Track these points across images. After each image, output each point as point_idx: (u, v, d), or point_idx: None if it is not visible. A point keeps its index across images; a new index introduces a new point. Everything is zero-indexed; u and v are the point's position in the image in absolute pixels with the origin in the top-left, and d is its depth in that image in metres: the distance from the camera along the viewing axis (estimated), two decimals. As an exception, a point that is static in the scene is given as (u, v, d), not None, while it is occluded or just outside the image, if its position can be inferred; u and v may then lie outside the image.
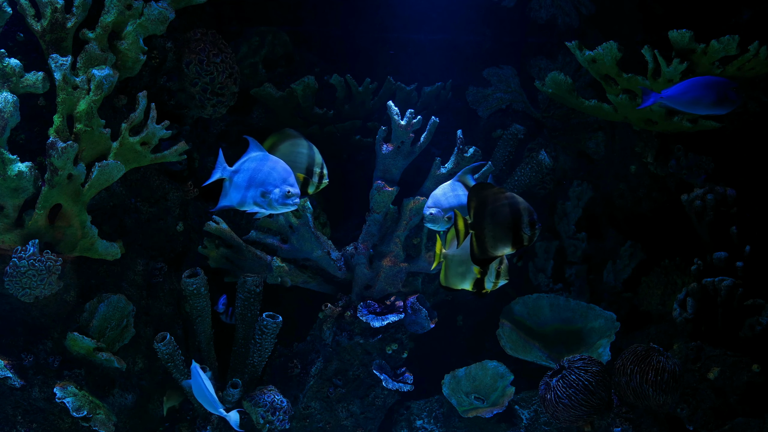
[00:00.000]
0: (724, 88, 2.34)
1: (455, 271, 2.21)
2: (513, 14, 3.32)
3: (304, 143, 2.29)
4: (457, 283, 2.22)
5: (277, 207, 2.13)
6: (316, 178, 2.30)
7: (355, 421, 2.97)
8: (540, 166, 3.03)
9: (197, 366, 2.37)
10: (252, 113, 3.12)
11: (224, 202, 2.19)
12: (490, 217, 1.99)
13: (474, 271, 2.17)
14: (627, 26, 3.18)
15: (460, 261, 2.19)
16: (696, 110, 2.41)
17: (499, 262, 2.16)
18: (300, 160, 2.29)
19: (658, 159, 3.02)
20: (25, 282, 2.21)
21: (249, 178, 2.14)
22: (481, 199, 2.00)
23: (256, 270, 2.81)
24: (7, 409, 2.40)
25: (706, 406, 2.50)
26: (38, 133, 2.36)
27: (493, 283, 2.19)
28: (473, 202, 2.01)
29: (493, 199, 1.99)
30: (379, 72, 3.21)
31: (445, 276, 2.24)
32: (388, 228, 2.85)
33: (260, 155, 2.17)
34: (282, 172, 2.13)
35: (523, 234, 1.97)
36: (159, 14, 2.34)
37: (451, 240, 2.21)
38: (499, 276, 2.19)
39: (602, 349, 2.90)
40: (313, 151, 2.30)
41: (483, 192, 2.01)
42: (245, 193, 2.15)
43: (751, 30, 2.72)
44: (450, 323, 3.36)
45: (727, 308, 2.61)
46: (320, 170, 2.30)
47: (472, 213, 2.01)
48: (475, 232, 2.00)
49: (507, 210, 1.98)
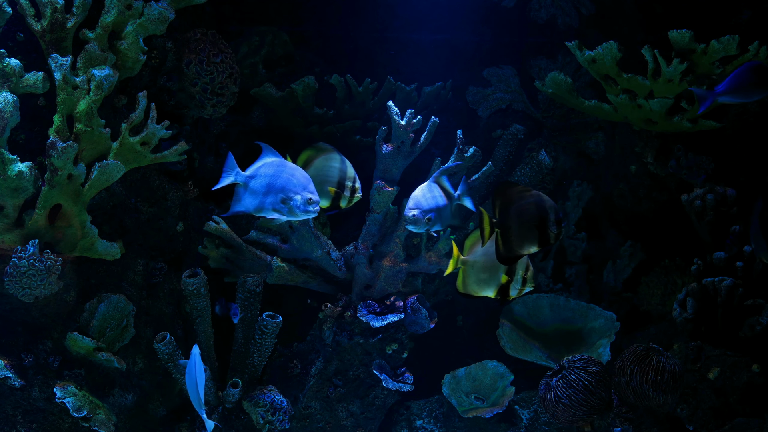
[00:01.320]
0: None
1: (477, 278, 2.18)
2: (513, 14, 3.32)
3: (337, 157, 2.28)
4: (478, 290, 2.19)
5: (299, 214, 2.10)
6: (348, 192, 2.28)
7: (355, 421, 2.97)
8: (540, 166, 3.03)
9: (198, 352, 2.33)
10: (252, 113, 3.12)
11: (238, 207, 2.14)
12: (515, 215, 1.97)
13: (498, 278, 2.14)
14: (627, 26, 3.18)
15: (482, 267, 2.15)
16: (754, 97, 2.30)
17: (525, 268, 2.14)
18: (332, 173, 2.27)
19: (658, 159, 3.02)
20: (25, 282, 2.21)
21: (267, 184, 2.10)
22: (506, 197, 1.98)
23: (256, 270, 2.81)
24: (7, 409, 2.40)
25: (706, 406, 2.50)
26: (38, 133, 2.36)
27: (518, 290, 2.16)
28: (498, 200, 1.99)
29: (518, 197, 1.98)
30: (379, 72, 3.21)
31: (463, 283, 2.21)
32: (388, 228, 2.85)
33: (277, 161, 2.14)
34: (301, 178, 2.10)
35: (549, 232, 1.95)
36: (159, 14, 2.34)
37: (471, 246, 2.19)
38: (525, 282, 2.16)
39: (602, 349, 2.90)
40: (345, 165, 2.28)
41: (508, 190, 1.99)
42: (263, 200, 2.11)
43: (751, 30, 2.71)
44: (450, 323, 3.36)
45: (727, 308, 2.61)
46: (352, 184, 2.28)
47: (497, 211, 2.00)
48: (501, 231, 1.99)
49: (533, 208, 1.96)
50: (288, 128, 3.17)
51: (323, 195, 2.26)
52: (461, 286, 2.22)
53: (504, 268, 2.15)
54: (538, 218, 1.95)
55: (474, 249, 2.20)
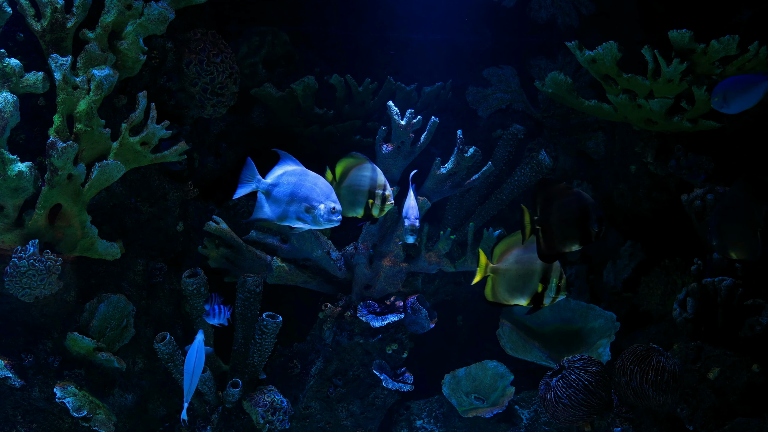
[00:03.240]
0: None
1: (509, 286, 2.15)
2: (513, 14, 3.32)
3: (368, 166, 2.27)
4: (510, 299, 2.17)
5: (322, 223, 2.10)
6: (379, 201, 2.27)
7: (355, 421, 2.97)
8: (540, 166, 3.03)
9: (202, 338, 2.32)
10: (252, 113, 3.12)
11: (260, 215, 2.15)
12: (557, 212, 1.96)
13: (531, 286, 2.13)
14: (627, 26, 3.18)
15: (515, 275, 2.14)
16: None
17: (559, 276, 2.13)
18: (363, 183, 2.26)
19: (658, 159, 3.02)
20: (25, 282, 2.21)
21: (291, 193, 2.10)
22: (548, 195, 1.98)
23: (256, 270, 2.81)
24: (7, 409, 2.40)
25: (706, 406, 2.50)
26: (38, 133, 2.36)
27: (552, 298, 2.16)
28: (540, 197, 1.99)
29: (560, 195, 1.97)
30: (379, 72, 3.21)
31: (492, 291, 2.19)
32: (388, 228, 2.85)
33: (298, 169, 2.14)
34: (324, 187, 2.11)
35: (590, 230, 1.95)
36: (159, 14, 2.34)
37: (501, 253, 2.17)
38: (559, 291, 2.15)
39: (602, 349, 2.90)
40: (376, 173, 2.27)
41: (550, 187, 1.99)
42: (287, 208, 2.11)
43: (751, 30, 2.71)
44: (450, 323, 3.36)
45: (727, 308, 2.61)
46: (383, 192, 2.27)
47: (538, 209, 1.99)
48: (542, 228, 1.98)
49: (575, 205, 1.95)
50: (288, 128, 3.17)
51: (357, 204, 2.27)
52: (490, 294, 2.19)
53: (538, 276, 2.13)
54: (580, 216, 1.94)
55: (505, 256, 2.17)
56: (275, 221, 2.15)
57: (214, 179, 3.04)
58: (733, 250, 2.19)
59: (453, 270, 2.90)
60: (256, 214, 2.16)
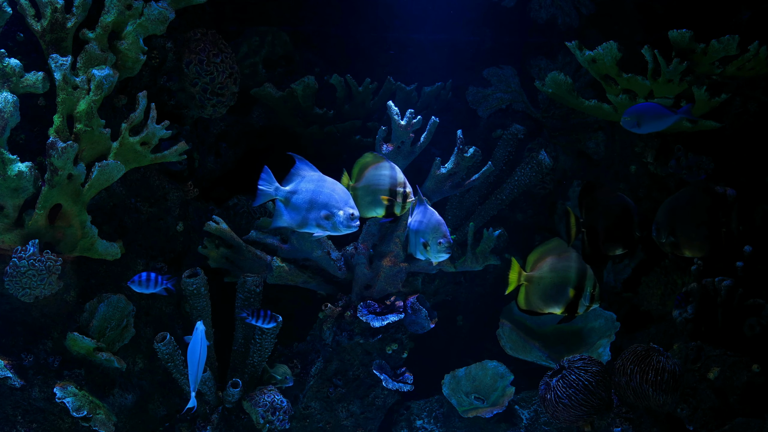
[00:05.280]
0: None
1: (544, 294, 2.15)
2: (513, 14, 3.32)
3: (386, 165, 2.25)
4: (544, 307, 2.18)
5: (342, 229, 2.11)
6: (400, 198, 2.26)
7: (355, 421, 2.97)
8: (540, 166, 3.03)
9: (203, 328, 2.32)
10: (252, 113, 3.12)
11: (280, 223, 2.15)
12: (603, 215, 1.99)
13: (566, 294, 2.14)
14: (627, 26, 3.18)
15: (550, 283, 2.14)
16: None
17: (593, 285, 2.14)
18: (382, 182, 2.24)
19: (658, 159, 3.02)
20: (25, 282, 2.21)
21: (310, 200, 2.10)
22: (593, 198, 2.01)
23: (256, 270, 2.81)
24: (7, 409, 2.40)
25: (706, 406, 2.50)
26: (38, 133, 2.36)
27: (586, 307, 2.16)
28: (586, 200, 2.01)
29: (605, 198, 2.00)
30: (379, 72, 3.21)
31: (526, 299, 2.19)
32: (388, 228, 2.85)
33: (315, 176, 2.13)
34: (342, 193, 2.11)
35: (635, 234, 1.98)
36: (159, 14, 2.34)
37: (535, 261, 2.18)
38: (593, 299, 2.16)
39: (602, 349, 2.90)
40: (395, 171, 2.25)
41: (595, 191, 2.02)
42: (306, 215, 2.11)
43: (751, 30, 2.72)
44: (450, 323, 3.36)
45: (727, 308, 2.61)
46: (403, 189, 2.26)
47: (584, 211, 2.01)
48: (587, 230, 2.00)
49: (621, 209, 1.99)
50: (288, 128, 3.17)
51: (377, 204, 2.26)
52: (524, 303, 2.19)
53: (573, 284, 2.15)
54: (626, 220, 1.97)
55: (539, 264, 2.18)
56: (295, 228, 2.15)
57: (214, 179, 3.04)
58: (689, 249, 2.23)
59: (453, 270, 2.90)
60: (276, 223, 2.16)
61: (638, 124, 2.40)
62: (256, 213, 3.00)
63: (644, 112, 2.40)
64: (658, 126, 2.41)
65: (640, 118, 2.39)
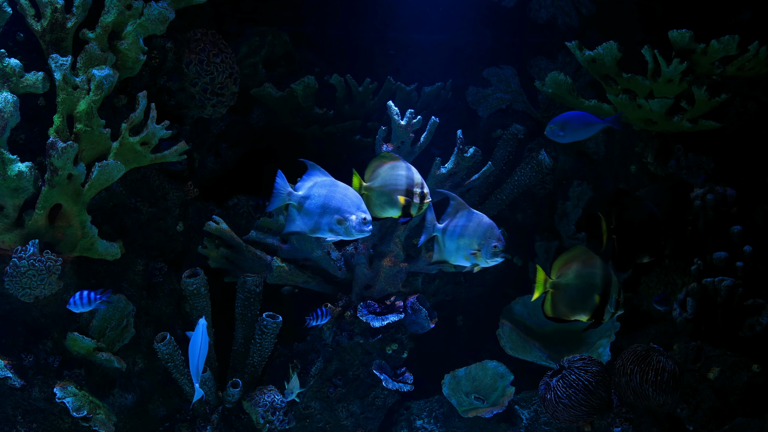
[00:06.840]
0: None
1: (570, 301, 2.16)
2: (513, 14, 3.33)
3: (402, 165, 2.24)
4: (570, 314, 2.18)
5: (354, 234, 2.10)
6: (417, 199, 2.25)
7: (355, 421, 2.97)
8: (540, 166, 3.03)
9: (204, 324, 2.33)
10: (252, 113, 3.12)
11: (293, 227, 2.14)
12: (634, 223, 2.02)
13: (592, 301, 2.14)
14: (627, 26, 3.18)
15: (576, 290, 2.15)
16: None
17: (618, 292, 2.14)
18: (399, 182, 2.23)
19: (658, 159, 3.02)
20: (25, 282, 2.21)
21: (322, 205, 2.10)
22: (623, 206, 2.04)
23: (256, 270, 2.81)
24: (7, 409, 2.40)
25: (706, 406, 2.50)
26: (38, 133, 2.36)
27: (612, 313, 2.17)
28: (616, 207, 2.03)
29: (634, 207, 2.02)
30: (379, 72, 3.21)
31: (552, 306, 2.19)
32: (388, 228, 2.85)
33: (327, 180, 2.13)
34: (354, 198, 2.11)
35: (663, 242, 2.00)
36: (159, 14, 2.34)
37: (560, 268, 2.18)
38: (618, 306, 2.16)
39: (602, 349, 2.90)
40: (412, 172, 2.23)
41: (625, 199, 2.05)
42: (319, 220, 2.11)
43: (751, 30, 2.71)
44: (450, 323, 3.36)
45: (727, 308, 2.61)
46: (420, 190, 2.25)
47: (614, 218, 2.03)
48: (618, 237, 2.03)
49: (649, 217, 2.01)
50: (288, 128, 3.17)
51: (393, 204, 2.25)
52: (550, 310, 2.20)
53: (598, 291, 2.15)
54: (655, 227, 1.99)
55: (564, 271, 2.18)
56: (307, 233, 2.15)
57: (214, 179, 3.04)
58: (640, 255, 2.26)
59: (453, 270, 2.90)
60: (289, 228, 2.15)
61: (562, 133, 2.41)
62: (256, 213, 3.01)
63: (569, 121, 2.44)
64: (582, 134, 2.45)
65: (565, 127, 2.43)
